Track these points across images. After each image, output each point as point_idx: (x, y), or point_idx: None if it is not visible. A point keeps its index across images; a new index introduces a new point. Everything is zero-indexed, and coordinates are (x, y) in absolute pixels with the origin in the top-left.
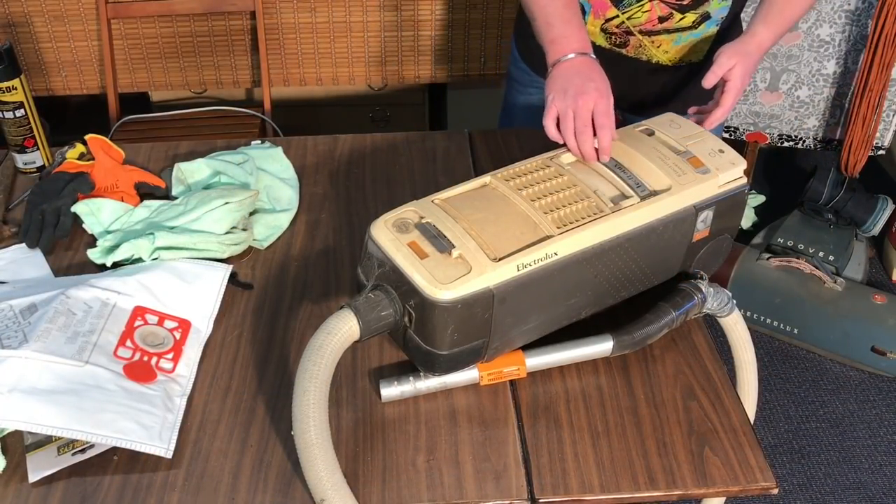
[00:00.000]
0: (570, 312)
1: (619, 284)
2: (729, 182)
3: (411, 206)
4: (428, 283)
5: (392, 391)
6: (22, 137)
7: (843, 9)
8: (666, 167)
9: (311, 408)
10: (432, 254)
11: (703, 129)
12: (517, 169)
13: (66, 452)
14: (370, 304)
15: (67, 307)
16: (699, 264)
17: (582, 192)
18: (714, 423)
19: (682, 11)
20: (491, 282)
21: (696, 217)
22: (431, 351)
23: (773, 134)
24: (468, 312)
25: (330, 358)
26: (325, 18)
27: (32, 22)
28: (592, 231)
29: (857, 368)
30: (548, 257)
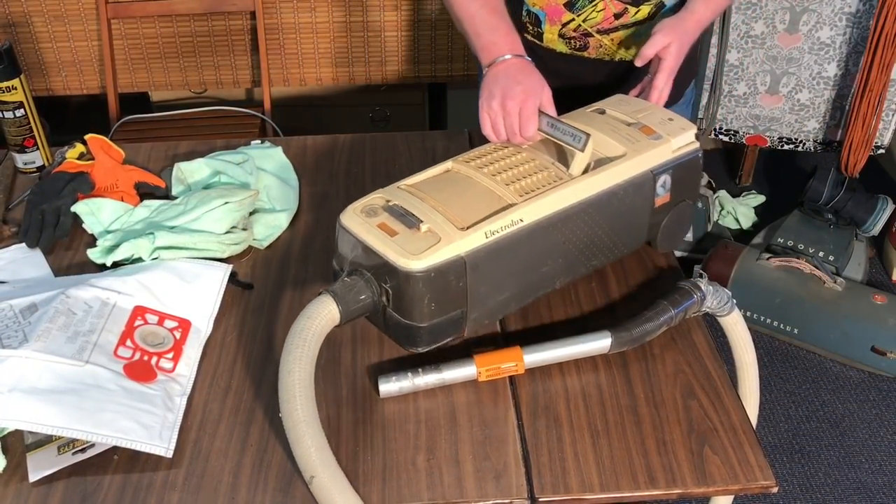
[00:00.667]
0: (545, 281)
1: (589, 251)
2: (682, 147)
3: (378, 193)
4: (400, 256)
5: (391, 387)
6: (22, 137)
7: (844, 11)
8: (619, 137)
9: (297, 387)
10: (402, 231)
11: (652, 104)
12: (477, 152)
13: (67, 452)
14: (347, 288)
15: (67, 307)
16: (665, 233)
17: (541, 164)
18: (714, 422)
19: (636, 5)
20: (461, 249)
21: (654, 182)
22: (411, 325)
23: (773, 137)
24: (442, 281)
25: (312, 341)
26: (325, 18)
27: (32, 22)
28: (554, 197)
29: (857, 368)
30: (514, 224)
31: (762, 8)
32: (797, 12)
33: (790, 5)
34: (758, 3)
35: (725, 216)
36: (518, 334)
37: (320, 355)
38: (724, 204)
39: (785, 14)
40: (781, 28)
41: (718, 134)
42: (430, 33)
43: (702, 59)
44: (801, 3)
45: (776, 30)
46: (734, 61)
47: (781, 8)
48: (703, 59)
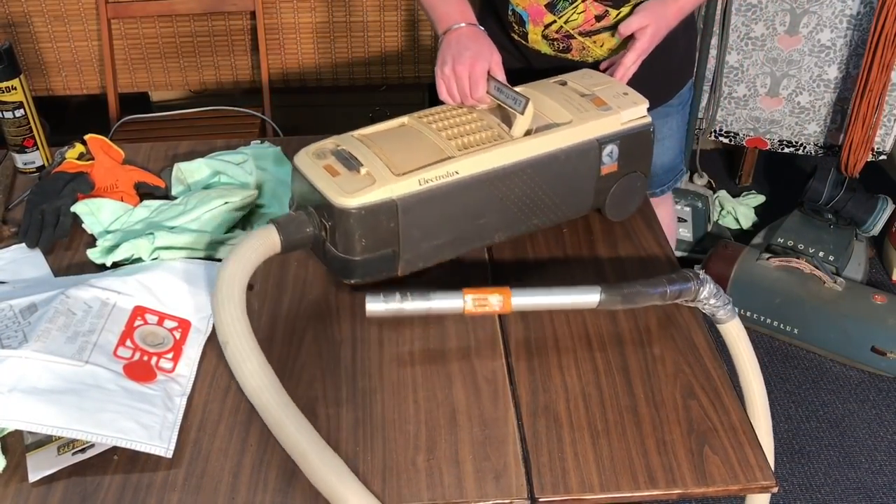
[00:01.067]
0: (483, 233)
1: (529, 210)
2: (632, 120)
3: (332, 139)
4: (336, 194)
5: (377, 306)
6: (21, 137)
7: (845, 13)
8: (570, 106)
9: (228, 294)
10: (343, 172)
11: (614, 79)
12: (433, 110)
13: (66, 452)
14: (291, 220)
15: (67, 307)
16: (613, 201)
17: (486, 124)
18: (714, 422)
19: (616, 7)
20: (394, 193)
21: (600, 150)
22: (345, 258)
23: (774, 140)
24: (374, 220)
25: (248, 265)
26: (324, 18)
27: (32, 22)
28: (492, 154)
29: (857, 368)
30: (449, 175)
31: (762, 9)
32: (797, 14)
33: (790, 7)
34: (758, 4)
35: (725, 216)
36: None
37: (320, 354)
38: (723, 204)
39: (785, 16)
40: (782, 30)
41: (718, 136)
42: (430, 33)
43: (702, 61)
44: (801, 4)
45: (776, 31)
46: (734, 63)
47: (782, 10)
48: (702, 61)
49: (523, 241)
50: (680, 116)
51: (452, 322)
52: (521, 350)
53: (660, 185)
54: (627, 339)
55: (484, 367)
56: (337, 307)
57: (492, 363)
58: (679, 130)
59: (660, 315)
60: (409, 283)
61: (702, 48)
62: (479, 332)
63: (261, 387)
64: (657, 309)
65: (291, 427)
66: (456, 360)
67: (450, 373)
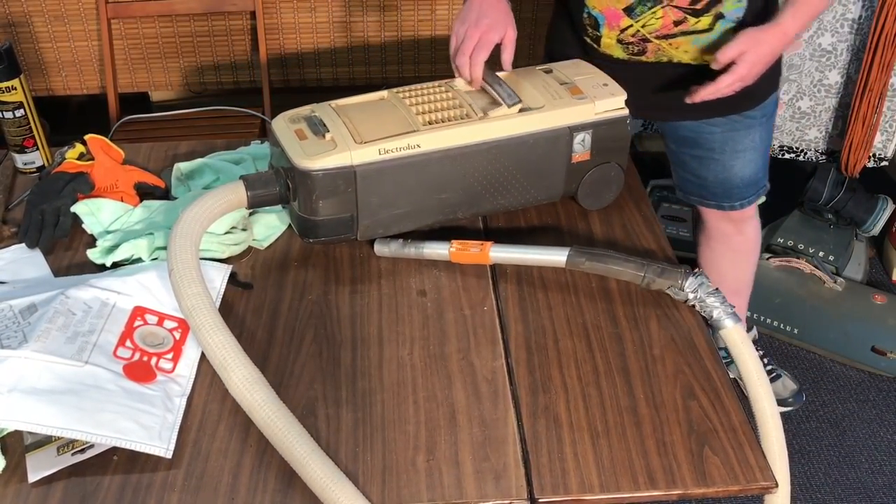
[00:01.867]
0: (444, 208)
1: (494, 190)
2: (607, 110)
3: (310, 106)
4: (298, 156)
5: (383, 248)
6: (21, 137)
7: (846, 17)
8: (546, 93)
9: (187, 241)
10: (310, 137)
11: (599, 70)
12: (414, 87)
13: (66, 452)
14: (259, 178)
15: (67, 307)
16: (586, 189)
17: (458, 104)
18: (714, 423)
19: (695, 16)
20: (353, 160)
21: (571, 137)
22: (306, 217)
23: (774, 145)
24: (332, 183)
25: (212, 212)
26: (324, 18)
27: (32, 22)
28: (457, 131)
29: (857, 368)
30: (410, 147)
31: None
32: None
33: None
34: None
35: None
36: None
37: (320, 354)
38: None
39: None
40: None
41: None
42: (430, 34)
43: None
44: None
45: None
46: None
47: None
48: None
49: (521, 239)
50: (763, 130)
51: (453, 321)
52: (521, 350)
53: (739, 199)
54: (628, 340)
55: (484, 367)
56: (337, 307)
57: (492, 363)
58: (762, 143)
59: (660, 316)
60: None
61: None
62: (478, 333)
63: (193, 307)
64: (657, 310)
65: (217, 341)
66: (456, 360)
67: (450, 373)
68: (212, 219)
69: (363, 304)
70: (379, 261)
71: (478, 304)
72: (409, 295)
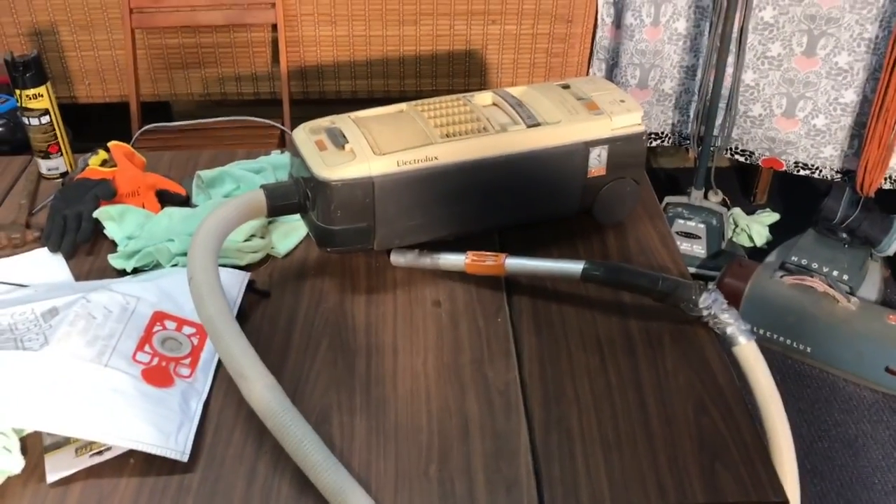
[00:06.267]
0: (461, 220)
1: (510, 203)
2: (624, 127)
3: (330, 117)
4: (318, 166)
5: (399, 258)
6: (46, 144)
7: (863, 37)
8: (562, 108)
9: (207, 249)
10: (330, 147)
11: (615, 86)
12: (432, 100)
13: (84, 454)
14: (279, 187)
15: (88, 311)
16: (601, 204)
17: (476, 117)
18: (725, 438)
19: None
20: (372, 171)
21: (587, 152)
22: (324, 226)
23: (790, 161)
24: (350, 193)
25: (232, 220)
26: (345, 32)
27: (59, 31)
28: (474, 144)
29: (870, 389)
30: (428, 159)
31: (779, 29)
32: (815, 36)
33: (808, 28)
34: (775, 24)
35: (739, 234)
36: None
37: (335, 362)
38: (738, 221)
39: (802, 37)
40: (799, 51)
41: (734, 154)
42: (448, 48)
43: (717, 78)
44: (818, 26)
45: (793, 52)
46: (750, 81)
47: (799, 31)
48: (718, 78)
49: (536, 252)
50: None
51: (467, 332)
52: (535, 363)
53: None
54: (640, 354)
55: (497, 378)
56: (353, 316)
57: (505, 375)
58: None
59: (672, 331)
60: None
61: (717, 66)
62: (492, 344)
63: (211, 314)
64: (670, 324)
65: (235, 349)
66: (469, 371)
67: (463, 384)
68: (232, 227)
69: (378, 313)
70: (395, 271)
71: (492, 316)
72: (423, 305)
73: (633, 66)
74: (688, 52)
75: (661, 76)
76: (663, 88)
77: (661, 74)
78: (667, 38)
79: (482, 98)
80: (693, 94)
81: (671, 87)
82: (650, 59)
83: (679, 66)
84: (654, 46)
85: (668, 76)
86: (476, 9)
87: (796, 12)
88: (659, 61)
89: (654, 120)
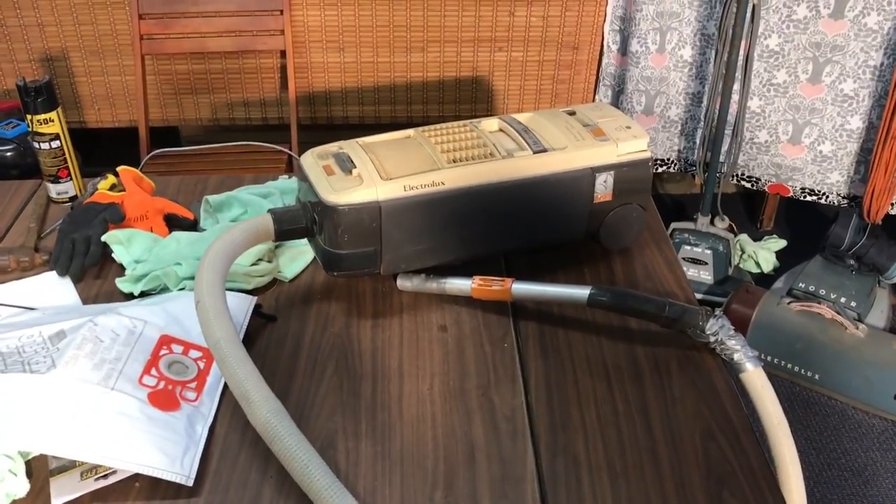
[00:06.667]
0: (467, 244)
1: (516, 228)
2: (629, 153)
3: (338, 143)
4: (325, 191)
5: (405, 283)
6: (56, 168)
7: (868, 64)
8: (569, 134)
9: (214, 273)
10: (338, 172)
11: (621, 112)
12: (439, 126)
13: (90, 478)
14: (287, 212)
15: (95, 334)
16: (608, 230)
17: (483, 143)
18: (733, 465)
19: None
20: (379, 196)
21: (594, 178)
22: (331, 251)
23: (796, 187)
24: (356, 218)
25: (240, 244)
26: (353, 58)
27: (70, 57)
28: (480, 169)
29: (880, 416)
30: (434, 184)
31: (784, 56)
32: (820, 63)
33: (813, 56)
34: (780, 51)
35: (746, 260)
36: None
37: (341, 387)
38: (744, 247)
39: (808, 64)
40: (804, 78)
41: (740, 180)
42: (454, 75)
43: (723, 105)
44: (824, 53)
45: (799, 79)
46: (756, 108)
47: (804, 58)
48: (724, 105)
49: (542, 277)
50: None
51: (473, 357)
52: (541, 388)
53: None
54: (647, 380)
55: (503, 404)
56: (359, 341)
57: (511, 401)
58: None
59: (680, 357)
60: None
61: (723, 93)
62: (498, 369)
63: (218, 339)
64: (677, 350)
65: (241, 373)
66: (475, 396)
67: (469, 409)
68: (239, 251)
69: (384, 337)
70: (401, 295)
71: (498, 341)
72: (430, 330)
73: (639, 92)
74: (693, 79)
75: (666, 103)
76: (669, 115)
77: (666, 101)
78: (672, 66)
79: (489, 124)
80: (699, 121)
81: (677, 114)
82: (656, 85)
83: (685, 92)
84: (660, 73)
85: (673, 103)
86: (483, 36)
87: (801, 40)
88: (664, 88)
89: (659, 146)
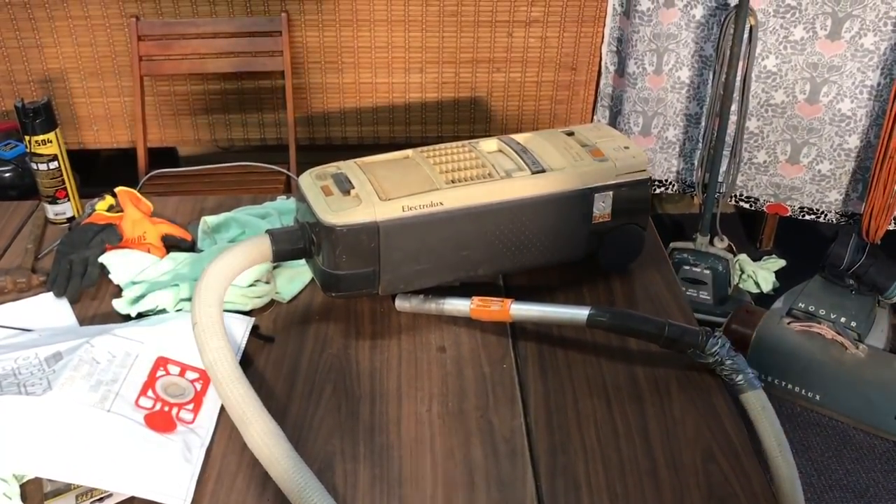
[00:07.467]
0: (466, 265)
1: (515, 248)
2: (628, 172)
3: (336, 163)
4: (323, 212)
5: (404, 303)
6: (54, 189)
7: (865, 84)
8: (567, 154)
9: (212, 294)
10: (336, 193)
11: (619, 133)
12: (438, 147)
13: (85, 501)
14: (284, 232)
15: (92, 356)
16: (607, 250)
17: (481, 163)
18: (734, 487)
19: None
20: (377, 216)
21: (592, 198)
22: (329, 271)
23: (794, 206)
24: (355, 238)
25: (238, 265)
26: (351, 80)
27: (68, 78)
28: (478, 189)
29: (881, 437)
30: (433, 205)
31: (782, 77)
32: (817, 83)
33: (810, 76)
34: (777, 72)
35: (746, 280)
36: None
37: (339, 408)
38: (744, 268)
39: (805, 84)
40: (801, 98)
41: (739, 201)
42: (453, 95)
43: (721, 126)
44: (821, 74)
45: (796, 99)
46: (754, 129)
47: (801, 78)
48: (722, 126)
49: (541, 298)
50: None
51: (472, 378)
52: (541, 410)
53: None
54: (647, 401)
55: (502, 426)
56: (357, 362)
57: (510, 422)
58: None
59: (680, 377)
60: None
61: (721, 114)
62: (497, 391)
63: (215, 360)
64: (677, 371)
65: (238, 394)
66: (474, 418)
67: (468, 431)
68: (237, 272)
69: (383, 358)
70: (399, 316)
71: (497, 362)
72: (428, 351)
73: (636, 113)
74: (691, 100)
75: (664, 124)
76: (667, 136)
77: (664, 122)
78: (670, 87)
79: (487, 144)
80: (697, 142)
81: (675, 135)
82: (653, 106)
83: (682, 113)
84: (657, 94)
85: (671, 124)
86: (481, 57)
87: (798, 61)
88: (662, 109)
89: (657, 167)
